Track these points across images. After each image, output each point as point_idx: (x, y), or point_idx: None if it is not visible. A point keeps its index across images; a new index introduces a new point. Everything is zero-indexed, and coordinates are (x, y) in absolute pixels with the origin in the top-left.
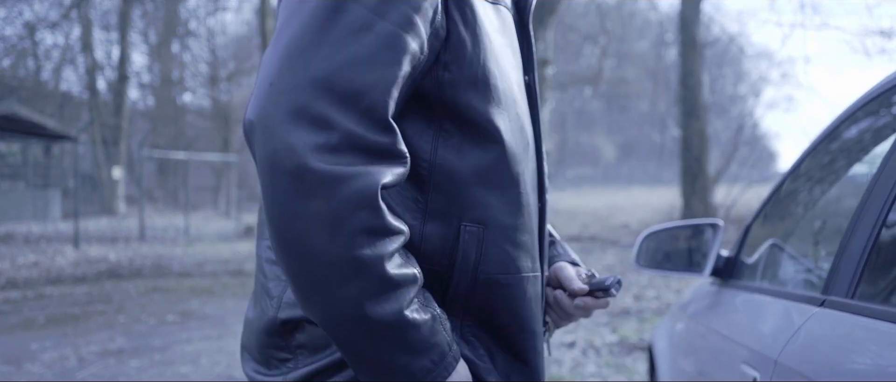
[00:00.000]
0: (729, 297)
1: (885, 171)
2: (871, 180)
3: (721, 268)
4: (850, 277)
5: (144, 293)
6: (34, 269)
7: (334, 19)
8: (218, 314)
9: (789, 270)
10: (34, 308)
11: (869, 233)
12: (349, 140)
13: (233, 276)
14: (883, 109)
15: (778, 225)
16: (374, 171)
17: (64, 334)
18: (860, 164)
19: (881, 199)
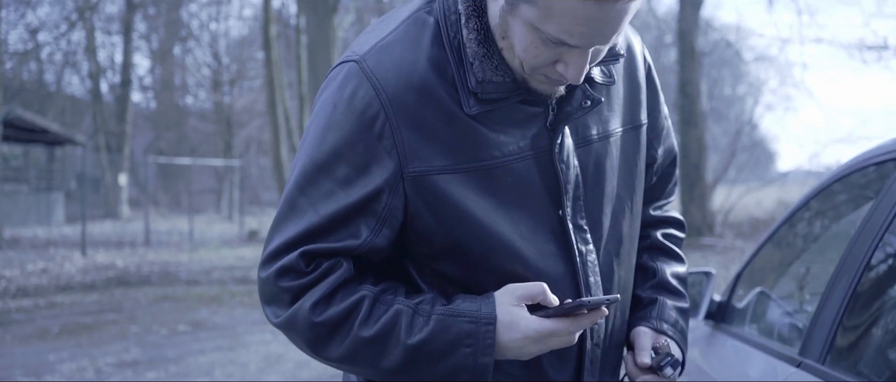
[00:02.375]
0: (720, 341)
1: (857, 241)
2: (846, 248)
3: (714, 312)
4: (823, 342)
5: (154, 302)
6: (43, 276)
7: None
8: (228, 324)
9: (774, 321)
10: (47, 317)
11: (841, 301)
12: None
13: (239, 283)
14: (864, 180)
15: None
16: (301, 303)
17: (79, 344)
18: (840, 225)
19: (853, 269)
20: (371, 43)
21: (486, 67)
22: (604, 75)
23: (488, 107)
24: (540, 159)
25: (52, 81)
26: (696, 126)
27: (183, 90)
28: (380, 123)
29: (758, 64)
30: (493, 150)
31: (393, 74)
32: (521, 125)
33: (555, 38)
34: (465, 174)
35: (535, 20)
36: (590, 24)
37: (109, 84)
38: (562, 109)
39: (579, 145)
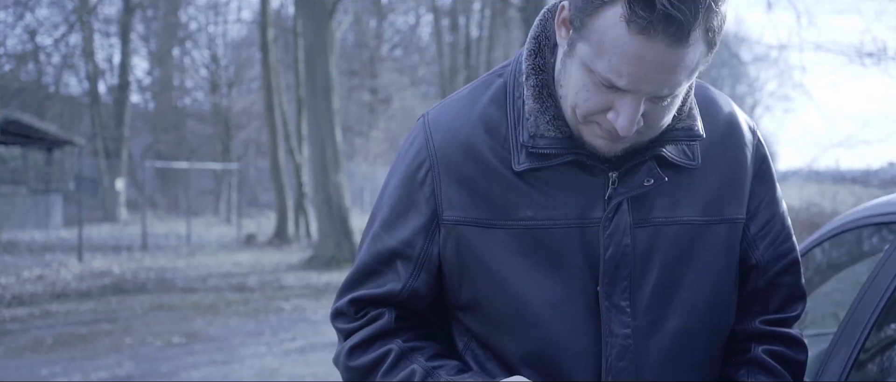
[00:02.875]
0: None
1: (859, 306)
2: (847, 313)
3: None
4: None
5: (149, 311)
6: (39, 284)
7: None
8: (223, 336)
9: None
10: (41, 327)
11: (845, 361)
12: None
13: (235, 291)
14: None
15: None
16: (343, 345)
17: (72, 357)
18: (835, 283)
19: (857, 330)
20: (443, 101)
21: (540, 122)
22: (682, 155)
23: (539, 163)
24: (586, 230)
25: (50, 83)
26: None
27: (181, 92)
28: (424, 170)
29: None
30: (532, 211)
31: (444, 128)
32: (574, 191)
33: (604, 78)
34: (498, 231)
35: (588, 58)
36: (639, 64)
37: (108, 86)
38: (623, 183)
39: (638, 225)
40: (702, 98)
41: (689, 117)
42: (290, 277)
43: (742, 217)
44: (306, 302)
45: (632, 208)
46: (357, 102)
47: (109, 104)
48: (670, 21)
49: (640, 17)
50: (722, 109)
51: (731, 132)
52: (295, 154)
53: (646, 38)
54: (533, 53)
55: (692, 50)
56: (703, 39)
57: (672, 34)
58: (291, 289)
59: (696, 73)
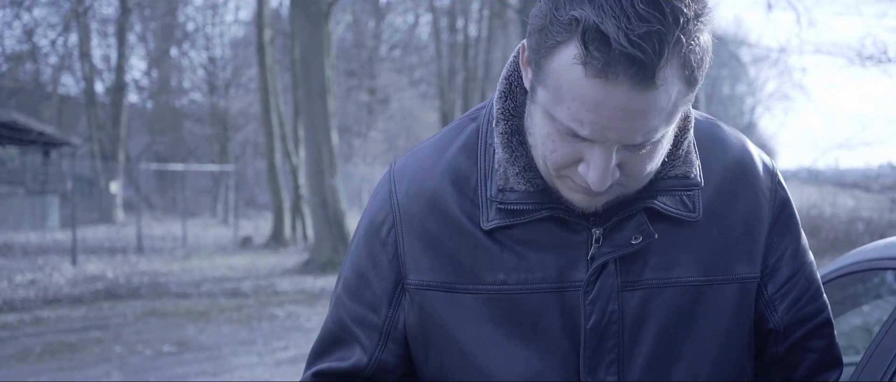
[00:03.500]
0: None
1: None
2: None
3: None
4: None
5: (141, 317)
6: (31, 289)
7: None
8: (214, 344)
9: None
10: (31, 335)
11: None
12: None
13: (229, 297)
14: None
15: None
16: None
17: (60, 367)
18: None
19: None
20: (414, 148)
21: (509, 174)
22: (679, 206)
23: (510, 220)
24: (566, 294)
25: (47, 83)
26: None
27: (179, 93)
28: (386, 227)
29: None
30: (503, 274)
31: (408, 180)
32: (551, 251)
33: (566, 127)
34: (465, 296)
35: (548, 105)
36: (601, 111)
37: (105, 86)
38: (608, 240)
39: (627, 288)
40: (707, 137)
41: (685, 163)
42: (285, 282)
43: (756, 276)
44: (300, 309)
45: (620, 268)
46: (355, 103)
47: (106, 105)
48: (631, 61)
49: (595, 58)
50: (731, 150)
51: (744, 175)
52: (291, 156)
53: (604, 82)
54: (503, 96)
55: (663, 91)
56: (678, 76)
57: (634, 76)
58: (286, 294)
59: (675, 115)
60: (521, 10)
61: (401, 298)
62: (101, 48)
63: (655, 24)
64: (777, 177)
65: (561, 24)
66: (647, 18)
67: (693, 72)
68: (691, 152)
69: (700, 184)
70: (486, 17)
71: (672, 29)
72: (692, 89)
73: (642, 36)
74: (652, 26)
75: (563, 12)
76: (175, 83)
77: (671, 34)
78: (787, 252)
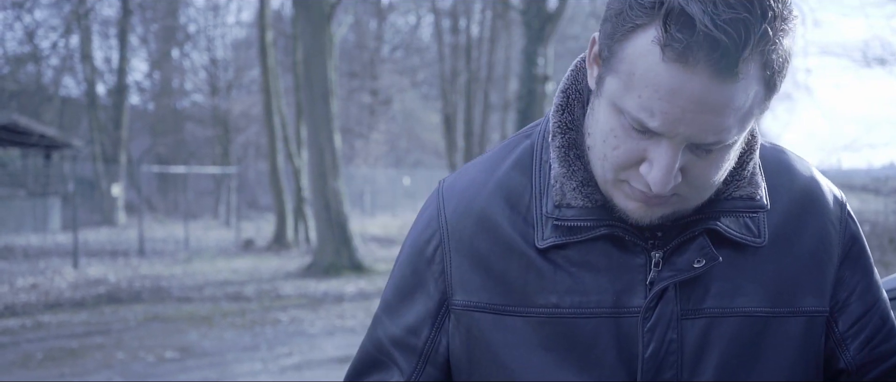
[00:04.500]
0: None
1: None
2: None
3: None
4: None
5: (143, 322)
6: (33, 293)
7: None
8: (217, 350)
9: None
10: (32, 341)
11: None
12: None
13: (232, 301)
14: None
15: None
16: None
17: (61, 374)
18: None
19: None
20: (464, 166)
21: (566, 188)
22: (743, 230)
23: (565, 238)
24: (622, 320)
25: (48, 85)
26: None
27: (180, 94)
28: (433, 246)
29: None
30: (556, 296)
31: (457, 198)
32: (608, 274)
33: (634, 118)
34: (515, 319)
35: (617, 94)
36: (675, 100)
37: (107, 88)
38: (669, 264)
39: (687, 316)
40: (773, 162)
41: (751, 184)
42: (288, 285)
43: (824, 310)
44: (304, 314)
45: (679, 295)
46: (357, 104)
47: (108, 107)
48: (714, 46)
49: (677, 39)
50: (799, 176)
51: (812, 205)
52: (294, 158)
53: (683, 67)
54: (560, 109)
55: (743, 87)
56: (757, 77)
57: (716, 62)
58: (289, 299)
59: (749, 121)
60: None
61: (445, 319)
62: (103, 50)
63: (742, 11)
64: (847, 209)
65: (642, 7)
66: (735, 6)
67: (773, 74)
68: (757, 173)
69: (766, 206)
70: (488, 18)
71: (759, 20)
72: (771, 94)
73: (728, 21)
74: (739, 13)
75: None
76: (177, 85)
77: (758, 25)
78: (859, 288)
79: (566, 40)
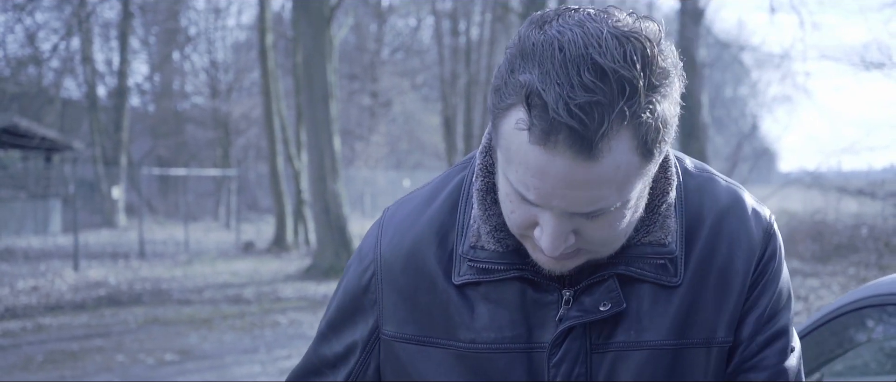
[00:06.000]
0: None
1: None
2: None
3: None
4: None
5: (143, 325)
6: (33, 295)
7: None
8: (216, 353)
9: None
10: (33, 343)
11: None
12: None
13: (232, 304)
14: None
15: None
16: None
17: (61, 376)
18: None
19: None
20: (408, 194)
21: (482, 231)
22: (656, 271)
23: (479, 277)
24: (534, 355)
25: (49, 87)
26: (697, 138)
27: (181, 96)
28: (368, 276)
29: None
30: (473, 332)
31: (393, 231)
32: (522, 310)
33: (515, 190)
34: (436, 350)
35: (503, 166)
36: (544, 178)
37: (107, 90)
38: (578, 303)
39: (596, 350)
40: (697, 193)
41: (662, 228)
42: (288, 288)
43: (725, 340)
44: (303, 316)
45: (590, 330)
46: (357, 107)
47: (109, 109)
48: (568, 131)
49: (536, 125)
50: (719, 207)
51: (729, 236)
52: (294, 161)
53: (545, 150)
54: (484, 150)
55: (610, 162)
56: (627, 148)
57: (573, 146)
58: (288, 301)
59: (630, 186)
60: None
61: (375, 346)
62: (104, 52)
63: (599, 94)
64: (769, 236)
65: (512, 87)
66: (591, 88)
67: (646, 143)
68: (670, 216)
69: (674, 253)
70: (488, 20)
71: (616, 100)
72: (648, 161)
73: (582, 106)
74: (594, 96)
75: (514, 75)
76: (177, 87)
77: (615, 105)
78: (765, 322)
79: None
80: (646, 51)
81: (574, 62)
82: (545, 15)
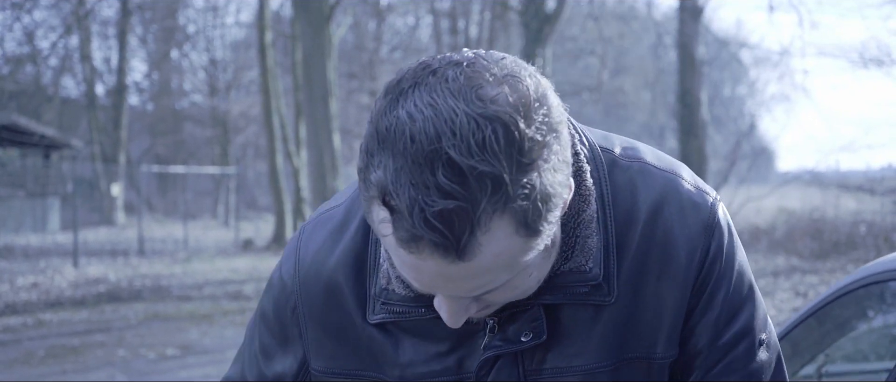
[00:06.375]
0: None
1: None
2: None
3: None
4: None
5: (144, 321)
6: (33, 291)
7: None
8: (217, 347)
9: None
10: (34, 338)
11: None
12: None
13: (231, 299)
14: None
15: None
16: None
17: (63, 371)
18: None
19: None
20: (326, 205)
21: (391, 275)
22: (578, 297)
23: (394, 317)
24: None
25: (48, 85)
26: (696, 136)
27: (179, 95)
28: (291, 307)
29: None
30: (399, 368)
31: (311, 261)
32: (449, 340)
33: (405, 277)
34: (369, 380)
35: (391, 252)
36: (420, 276)
37: (106, 89)
38: (502, 332)
39: (529, 376)
40: (627, 192)
41: (582, 252)
42: None
43: (667, 355)
44: None
45: (521, 356)
46: (356, 105)
47: (107, 107)
48: (432, 243)
49: (397, 230)
50: (649, 201)
51: (663, 238)
52: (293, 159)
53: (411, 253)
54: None
55: (486, 255)
56: (506, 235)
57: (438, 254)
58: None
59: (522, 262)
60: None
61: (307, 375)
62: (102, 51)
63: (458, 198)
64: (712, 229)
65: (369, 180)
66: (449, 192)
67: (528, 225)
68: (590, 236)
69: (598, 277)
70: (487, 19)
71: (479, 201)
72: (535, 237)
73: (439, 214)
74: (452, 202)
75: (371, 165)
76: (176, 85)
77: (477, 207)
78: (710, 329)
79: (564, 41)
80: (509, 131)
81: (427, 159)
82: (401, 82)
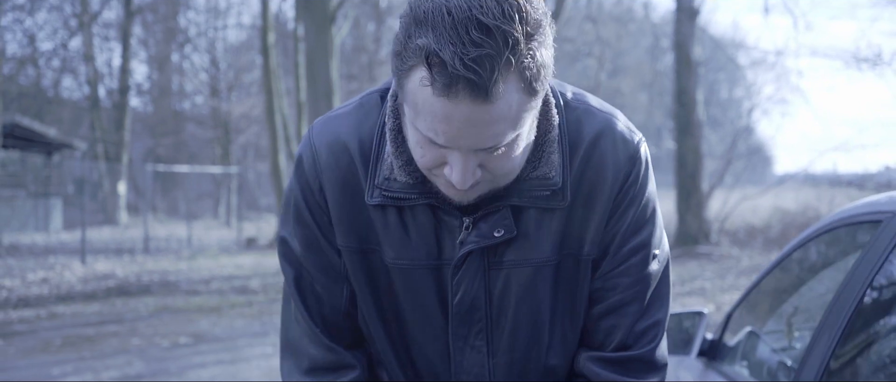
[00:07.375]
0: (712, 378)
1: (845, 290)
2: (834, 295)
3: (706, 350)
4: (817, 366)
5: (154, 313)
6: (44, 286)
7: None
8: (228, 336)
9: (764, 359)
10: (49, 329)
11: (830, 341)
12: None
13: (238, 293)
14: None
15: (757, 313)
16: None
17: (81, 358)
18: (826, 273)
19: (841, 315)
20: (330, 115)
21: (395, 165)
22: (544, 199)
23: (391, 203)
24: (442, 271)
25: (50, 87)
26: (691, 135)
27: (181, 96)
28: (317, 187)
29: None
30: (393, 251)
31: (327, 154)
32: (432, 232)
33: (425, 137)
34: (375, 257)
35: (411, 118)
36: (450, 123)
37: (108, 90)
38: (476, 229)
39: (492, 267)
40: (575, 123)
41: (546, 164)
42: None
43: (591, 255)
44: None
45: (487, 251)
46: None
47: (109, 108)
48: (467, 82)
49: (437, 80)
50: (590, 134)
51: (597, 162)
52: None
53: (448, 100)
54: (394, 95)
55: (502, 103)
56: (515, 89)
57: (471, 93)
58: None
59: (520, 121)
60: None
61: (340, 255)
62: (104, 52)
63: (487, 48)
64: (634, 160)
65: (411, 51)
66: (480, 44)
67: (530, 83)
68: (553, 152)
69: (558, 184)
70: None
71: (502, 51)
72: (533, 98)
73: (475, 59)
74: (483, 51)
75: (412, 40)
76: (177, 87)
77: (501, 55)
78: (620, 239)
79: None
80: (520, 7)
81: (462, 24)
82: None
